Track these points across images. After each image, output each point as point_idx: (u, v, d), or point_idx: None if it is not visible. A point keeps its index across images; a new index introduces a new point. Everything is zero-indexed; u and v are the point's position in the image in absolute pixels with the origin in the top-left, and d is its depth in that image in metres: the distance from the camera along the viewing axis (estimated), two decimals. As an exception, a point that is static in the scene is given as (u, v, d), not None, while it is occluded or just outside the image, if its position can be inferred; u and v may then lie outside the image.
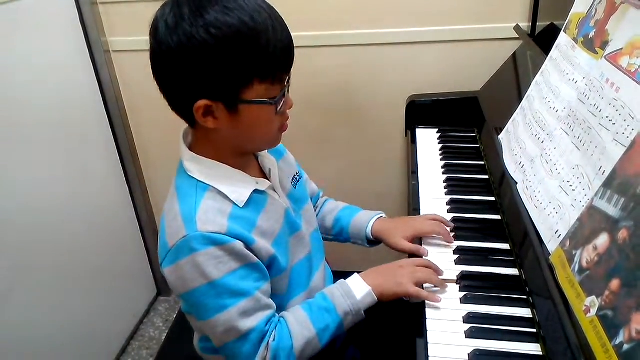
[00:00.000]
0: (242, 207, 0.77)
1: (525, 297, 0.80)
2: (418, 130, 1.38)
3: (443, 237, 0.94)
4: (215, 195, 0.76)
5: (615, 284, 0.57)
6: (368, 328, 0.89)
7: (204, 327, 0.78)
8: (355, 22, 1.45)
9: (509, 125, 1.07)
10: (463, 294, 0.82)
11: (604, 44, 0.80)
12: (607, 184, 0.65)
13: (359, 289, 0.82)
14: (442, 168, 1.19)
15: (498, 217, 1.00)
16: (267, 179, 0.85)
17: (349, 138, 1.63)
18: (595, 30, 0.85)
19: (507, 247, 0.92)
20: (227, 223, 0.74)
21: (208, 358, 0.92)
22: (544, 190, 0.83)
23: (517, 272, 0.85)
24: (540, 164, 0.88)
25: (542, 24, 1.28)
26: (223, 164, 0.78)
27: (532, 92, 1.02)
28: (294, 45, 0.74)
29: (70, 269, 1.44)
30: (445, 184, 1.12)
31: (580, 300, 0.63)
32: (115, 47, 1.57)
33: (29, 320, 1.29)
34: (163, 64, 0.71)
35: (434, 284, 0.84)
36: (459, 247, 0.93)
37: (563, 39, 0.97)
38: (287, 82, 0.75)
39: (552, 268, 0.72)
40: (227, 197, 0.77)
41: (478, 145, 1.27)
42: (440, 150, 1.27)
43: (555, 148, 0.85)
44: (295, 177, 0.95)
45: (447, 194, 1.09)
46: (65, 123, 1.43)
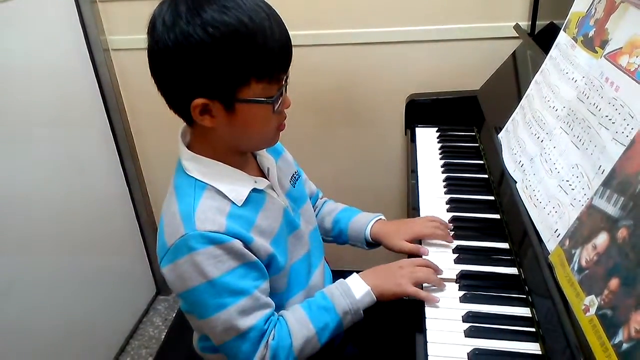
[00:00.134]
0: (240, 206, 0.77)
1: (525, 296, 0.80)
2: (417, 129, 1.38)
3: (443, 238, 0.95)
4: (214, 194, 0.76)
5: (615, 283, 0.57)
6: (367, 326, 0.89)
7: (203, 326, 0.78)
8: (355, 20, 1.44)
9: (509, 125, 1.07)
10: (462, 293, 0.82)
11: (604, 43, 0.80)
12: (606, 183, 0.65)
13: (358, 289, 0.82)
14: (441, 167, 1.19)
15: (497, 216, 1.00)
16: (265, 178, 0.85)
17: (349, 137, 1.62)
18: (595, 29, 0.85)
19: (506, 246, 0.92)
20: (225, 222, 0.74)
21: (207, 357, 0.92)
22: (544, 190, 0.83)
23: (516, 271, 0.85)
24: (540, 163, 0.87)
25: (541, 23, 1.28)
26: (221, 163, 0.78)
27: (531, 91, 1.02)
28: (293, 45, 0.74)
29: (70, 268, 1.44)
30: (445, 183, 1.12)
31: (580, 300, 0.63)
32: (115, 45, 1.57)
33: (28, 320, 1.29)
34: (160, 62, 0.70)
35: (433, 284, 0.84)
36: (459, 246, 0.93)
37: (563, 38, 0.97)
38: (284, 81, 0.75)
39: (551, 267, 0.72)
40: (225, 196, 0.77)
41: (477, 145, 1.27)
42: (440, 150, 1.27)
43: (555, 147, 0.85)
44: (294, 176, 0.95)
45: (446, 193, 1.09)
46: (65, 122, 1.43)
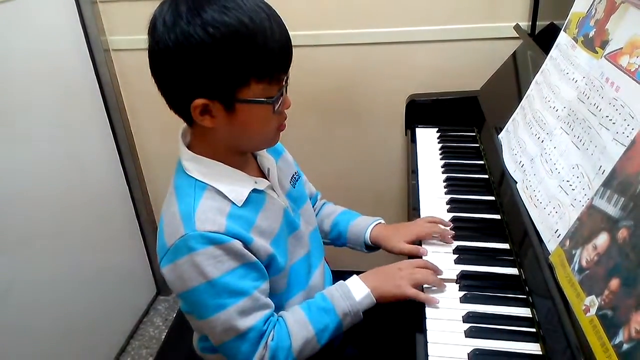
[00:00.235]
0: (240, 206, 0.77)
1: (525, 296, 0.80)
2: (418, 130, 1.38)
3: (442, 237, 0.94)
4: (214, 195, 0.76)
5: (615, 284, 0.57)
6: (366, 327, 0.89)
7: (203, 326, 0.78)
8: (355, 21, 1.44)
9: (509, 125, 1.07)
10: (463, 294, 0.82)
11: (604, 44, 0.80)
12: (606, 184, 0.65)
13: (358, 291, 0.82)
14: (441, 167, 1.19)
15: (498, 216, 1.00)
16: (265, 179, 0.85)
17: (349, 137, 1.62)
18: (595, 30, 0.85)
19: (506, 246, 0.92)
20: (225, 222, 0.74)
21: (207, 357, 0.92)
22: (544, 190, 0.83)
23: (516, 271, 0.85)
24: (540, 164, 0.87)
25: (542, 24, 1.28)
26: (221, 163, 0.78)
27: (532, 91, 1.02)
28: (293, 45, 0.74)
29: (70, 268, 1.44)
30: (445, 184, 1.12)
31: (580, 300, 0.63)
32: (115, 46, 1.57)
33: (28, 320, 1.29)
34: (161, 62, 0.70)
35: (433, 285, 0.84)
36: (459, 246, 0.93)
37: (563, 39, 0.97)
38: (285, 81, 0.75)
39: (551, 267, 0.72)
40: (225, 196, 0.77)
41: (478, 145, 1.27)
42: (440, 150, 1.27)
43: (555, 147, 0.85)
44: (294, 176, 0.95)
45: (446, 194, 1.09)
46: (65, 121, 1.43)
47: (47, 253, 1.35)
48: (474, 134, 1.32)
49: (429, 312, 0.80)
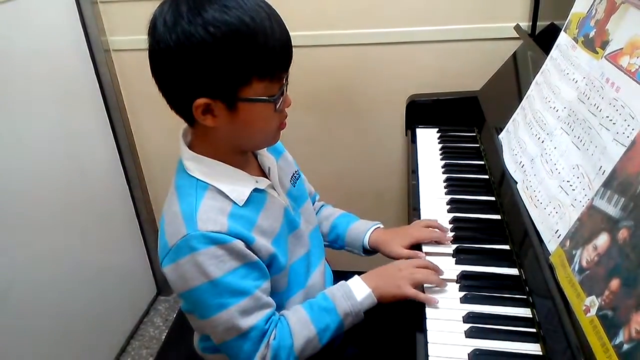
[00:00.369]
0: (242, 206, 0.77)
1: (525, 296, 0.80)
2: (418, 130, 1.38)
3: (440, 241, 0.95)
4: (215, 195, 0.76)
5: (615, 284, 0.57)
6: (367, 327, 0.89)
7: (205, 325, 0.78)
8: (356, 21, 1.44)
9: (509, 125, 1.07)
10: (463, 294, 0.82)
11: (604, 44, 0.80)
12: (607, 184, 0.65)
13: (360, 291, 0.83)
14: (442, 168, 1.19)
15: (498, 216, 1.00)
16: (266, 178, 0.85)
17: (349, 138, 1.62)
18: (596, 30, 0.85)
19: (507, 247, 0.92)
20: (227, 222, 0.74)
21: (208, 357, 0.92)
22: (544, 190, 0.83)
23: (517, 271, 0.85)
24: (540, 164, 0.87)
25: (542, 24, 1.28)
26: (223, 163, 0.78)
27: (532, 91, 1.02)
28: (294, 45, 0.74)
29: (70, 268, 1.44)
30: (445, 184, 1.12)
31: (580, 300, 0.63)
32: (115, 46, 1.57)
33: (28, 320, 1.29)
34: (161, 63, 0.71)
35: (434, 284, 0.84)
36: (459, 247, 0.93)
37: (563, 39, 0.97)
38: (285, 80, 0.75)
39: (552, 268, 0.72)
40: (227, 196, 0.77)
41: (478, 145, 1.27)
42: (440, 150, 1.27)
43: (556, 148, 0.85)
44: (294, 175, 0.95)
45: (447, 194, 1.09)
46: (65, 122, 1.43)
47: (47, 253, 1.35)
48: (475, 134, 1.32)
49: (429, 312, 0.80)
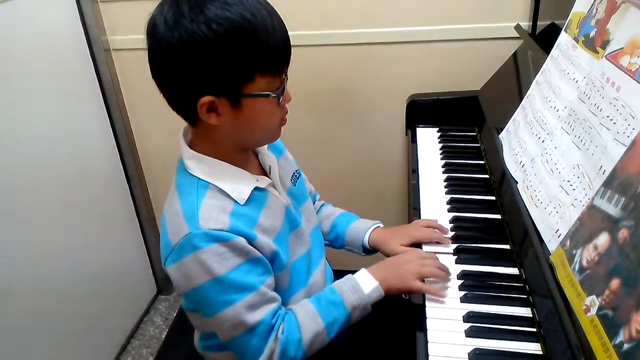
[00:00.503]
0: (243, 204, 0.78)
1: (526, 296, 0.80)
2: (418, 130, 1.38)
3: (439, 241, 0.95)
4: (217, 194, 0.77)
5: (616, 284, 0.57)
6: (368, 326, 0.90)
7: (211, 323, 0.78)
8: (356, 21, 1.44)
9: (510, 125, 1.07)
10: (463, 293, 0.82)
11: (605, 44, 0.80)
12: (607, 184, 0.65)
13: (367, 284, 0.83)
14: (442, 167, 1.19)
15: (498, 216, 1.00)
16: (267, 177, 0.85)
17: (349, 137, 1.62)
18: (596, 30, 0.85)
19: (507, 246, 0.92)
20: (229, 220, 0.74)
21: (209, 356, 0.93)
22: (545, 190, 0.83)
23: (517, 271, 0.85)
24: (541, 163, 0.87)
25: (542, 24, 1.28)
26: (224, 162, 0.79)
27: (532, 91, 1.02)
28: (293, 45, 0.74)
29: (70, 267, 1.44)
30: (446, 183, 1.12)
31: (581, 300, 0.63)
32: (116, 45, 1.57)
33: (29, 319, 1.29)
34: (164, 62, 0.71)
35: (439, 279, 0.84)
36: (459, 246, 0.93)
37: (564, 39, 0.97)
38: (285, 75, 0.76)
39: (552, 267, 0.72)
40: (228, 195, 0.77)
41: (478, 145, 1.27)
42: (441, 150, 1.27)
43: (556, 147, 0.85)
44: (295, 174, 0.95)
45: (447, 193, 1.09)
46: (65, 121, 1.43)
47: (47, 252, 1.35)
48: (475, 134, 1.32)
49: (430, 311, 0.80)
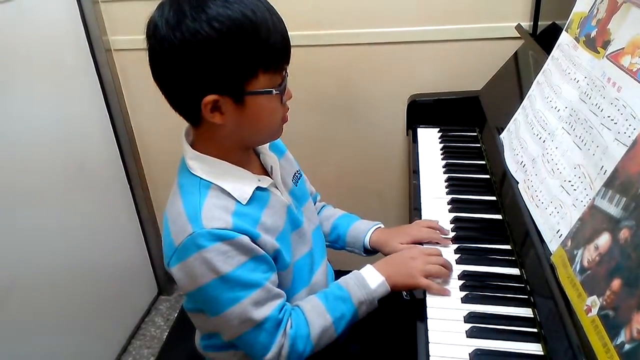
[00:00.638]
0: (245, 204, 0.78)
1: (527, 296, 0.80)
2: (419, 130, 1.38)
3: (439, 242, 0.95)
4: (219, 193, 0.77)
5: (617, 284, 0.57)
6: (370, 325, 0.90)
7: (218, 321, 0.78)
8: (356, 21, 1.44)
9: (510, 125, 1.06)
10: (464, 294, 0.82)
11: (606, 44, 0.80)
12: (608, 184, 0.65)
13: (373, 279, 0.84)
14: (443, 167, 1.19)
15: (499, 216, 1.00)
16: (268, 176, 0.85)
17: (350, 137, 1.62)
18: (597, 30, 0.85)
19: (508, 246, 0.92)
20: (231, 219, 0.74)
21: (210, 356, 0.93)
22: (545, 190, 0.83)
23: (518, 271, 0.85)
24: (542, 164, 0.87)
25: (543, 24, 1.28)
26: (225, 162, 0.79)
27: (533, 91, 1.02)
28: (294, 45, 0.75)
29: (71, 267, 1.44)
30: (447, 184, 1.12)
31: (582, 300, 0.63)
32: (117, 46, 1.57)
33: (29, 319, 1.29)
34: (166, 63, 0.71)
35: (443, 278, 0.85)
36: (460, 246, 0.93)
37: (565, 39, 0.97)
38: (285, 72, 0.76)
39: (553, 267, 0.72)
40: (230, 194, 0.77)
41: (479, 145, 1.27)
42: (442, 150, 1.27)
43: (557, 147, 0.85)
44: (296, 174, 0.96)
45: (448, 194, 1.09)
46: (66, 121, 1.43)
47: (47, 252, 1.35)
48: (476, 134, 1.32)
49: (431, 311, 0.80)
